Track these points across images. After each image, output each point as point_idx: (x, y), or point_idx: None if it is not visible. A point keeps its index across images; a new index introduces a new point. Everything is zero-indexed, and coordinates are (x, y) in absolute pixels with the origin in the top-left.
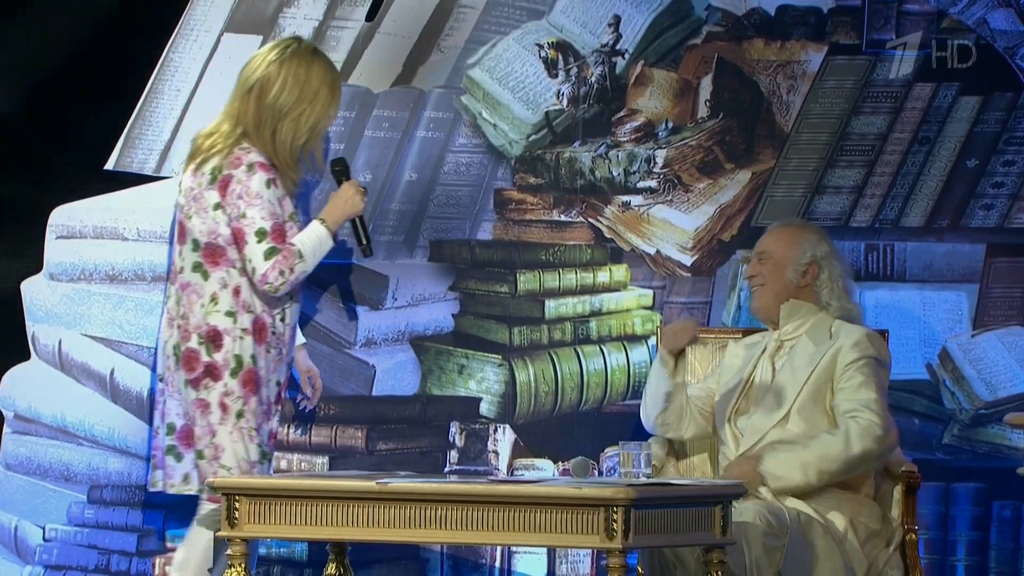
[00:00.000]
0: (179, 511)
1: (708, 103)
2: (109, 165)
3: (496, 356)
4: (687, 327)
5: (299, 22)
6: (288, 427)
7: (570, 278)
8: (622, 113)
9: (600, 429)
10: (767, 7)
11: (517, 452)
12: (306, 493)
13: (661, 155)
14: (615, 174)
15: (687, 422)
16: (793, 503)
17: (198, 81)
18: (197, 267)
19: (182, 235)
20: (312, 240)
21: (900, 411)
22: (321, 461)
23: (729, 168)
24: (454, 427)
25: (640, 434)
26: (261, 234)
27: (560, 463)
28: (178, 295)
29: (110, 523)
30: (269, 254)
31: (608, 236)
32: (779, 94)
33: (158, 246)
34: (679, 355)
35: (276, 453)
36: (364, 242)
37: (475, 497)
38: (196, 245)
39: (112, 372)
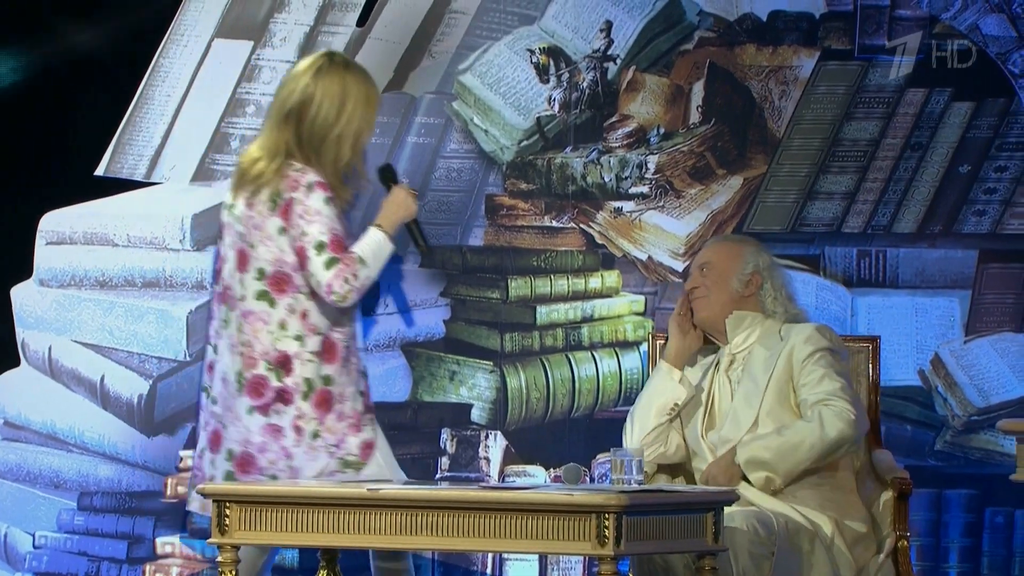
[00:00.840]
0: (168, 518)
1: (700, 109)
2: (99, 171)
3: (487, 362)
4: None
5: (290, 27)
6: None
7: (562, 284)
8: (614, 119)
9: (591, 435)
10: (759, 12)
11: (508, 459)
12: (296, 500)
13: (653, 161)
14: (607, 180)
15: (672, 437)
16: (780, 508)
17: (189, 87)
18: (263, 295)
19: (243, 263)
20: (372, 245)
21: (892, 417)
22: None
23: (721, 174)
24: (445, 433)
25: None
26: (320, 247)
27: (551, 470)
28: (239, 322)
29: (100, 530)
30: (330, 264)
31: (600, 242)
32: (771, 100)
33: (148, 252)
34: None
35: None
36: (422, 243)
37: (466, 504)
38: (261, 274)
39: (102, 379)
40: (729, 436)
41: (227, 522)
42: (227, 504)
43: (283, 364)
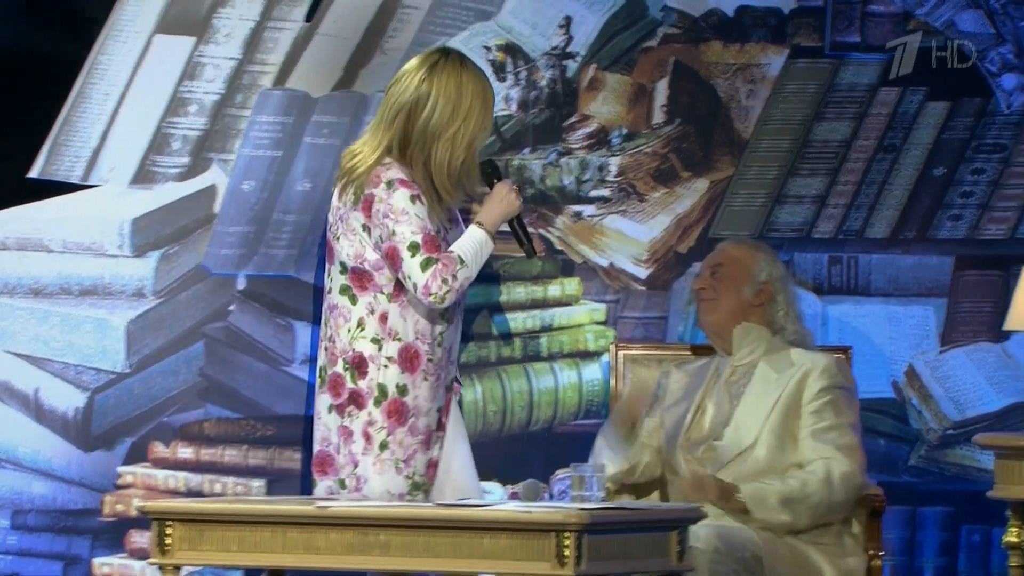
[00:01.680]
0: (106, 537)
1: (664, 108)
2: (33, 173)
3: None
4: (637, 401)
5: (234, 23)
6: (222, 449)
7: (519, 292)
8: (574, 119)
9: (551, 450)
10: (725, 8)
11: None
12: (241, 518)
13: (615, 163)
14: (566, 182)
15: (646, 467)
16: (744, 524)
17: (128, 85)
18: (345, 290)
19: (331, 255)
20: (472, 244)
21: (865, 431)
22: (258, 484)
23: (686, 176)
24: None
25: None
26: (414, 248)
27: (509, 486)
28: (326, 316)
29: (34, 550)
30: (426, 265)
31: (559, 247)
32: (738, 99)
33: (85, 258)
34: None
35: (209, 476)
36: (526, 243)
37: (420, 521)
38: (344, 268)
39: (36, 391)
40: (722, 454)
41: (168, 541)
42: (168, 522)
43: (358, 365)
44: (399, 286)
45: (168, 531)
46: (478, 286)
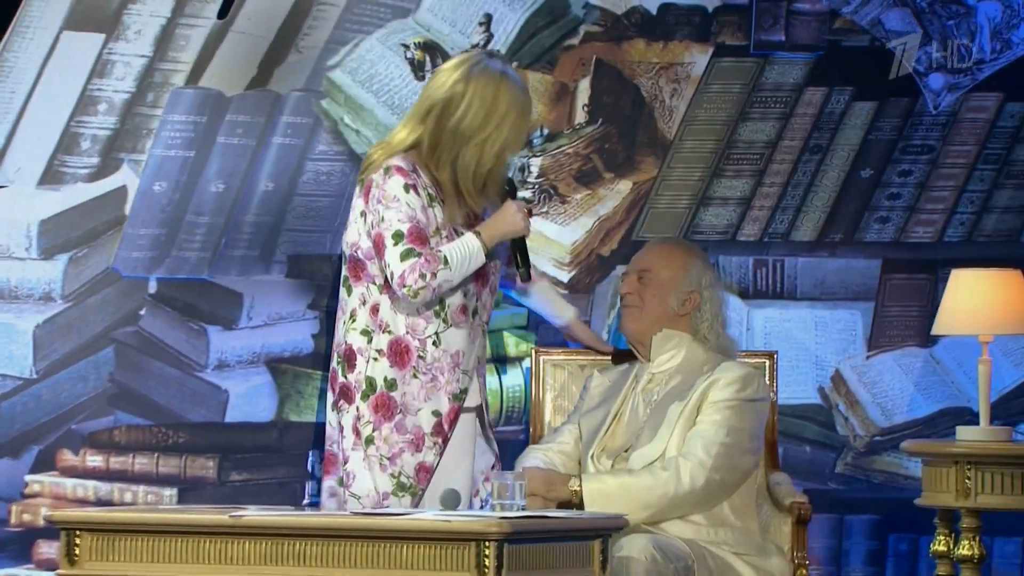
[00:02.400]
0: (12, 548)
1: (586, 108)
2: None
3: None
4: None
5: (145, 19)
6: (133, 457)
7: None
8: None
9: None
10: (648, 6)
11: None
12: (153, 527)
13: (536, 163)
14: None
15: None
16: (682, 531)
17: (35, 83)
18: (344, 280)
19: (340, 245)
20: (461, 249)
21: (790, 438)
22: (169, 493)
23: (608, 178)
24: (314, 456)
25: (514, 463)
26: (398, 236)
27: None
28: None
29: None
30: (406, 255)
31: None
32: (662, 99)
33: None
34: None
35: (119, 485)
36: (521, 266)
37: (336, 531)
38: (344, 257)
39: None
40: (637, 457)
41: (77, 552)
42: (77, 532)
43: (348, 358)
44: None
45: (77, 541)
46: None
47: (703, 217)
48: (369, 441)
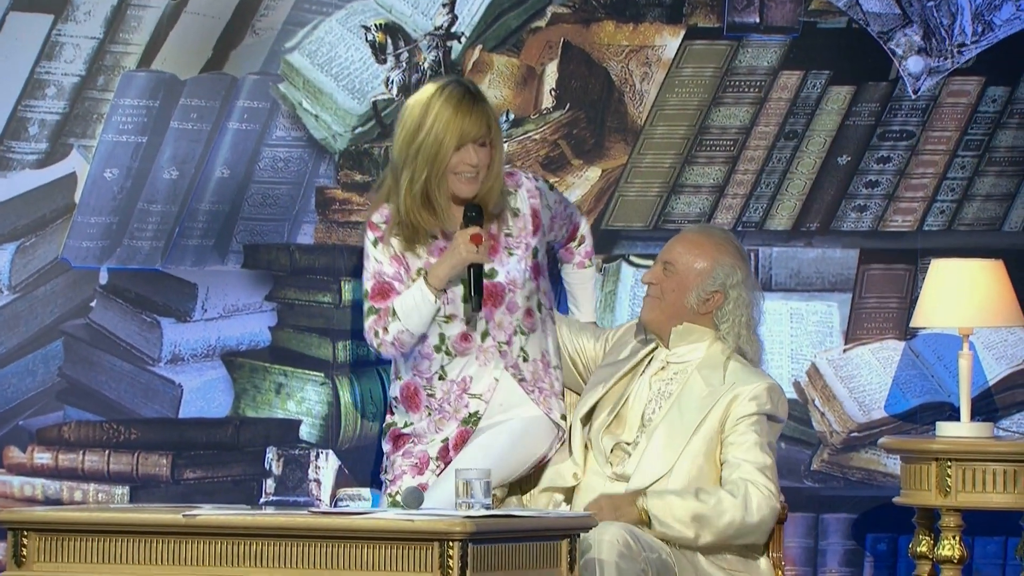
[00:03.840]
0: None
1: (553, 92)
2: None
3: (318, 373)
4: None
5: (94, 2)
6: (83, 454)
7: None
8: None
9: None
10: None
11: (341, 481)
12: (103, 527)
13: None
14: None
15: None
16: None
17: None
18: None
19: None
20: (409, 298)
21: None
22: (121, 491)
23: (577, 165)
24: (271, 453)
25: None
26: (365, 295)
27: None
28: None
29: None
30: (368, 313)
31: None
32: (632, 83)
33: None
34: None
35: (68, 483)
36: (471, 297)
37: (294, 531)
38: None
39: None
40: (645, 471)
41: (24, 553)
42: (24, 532)
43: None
44: None
45: (24, 542)
46: (354, 280)
47: (675, 205)
48: (385, 470)
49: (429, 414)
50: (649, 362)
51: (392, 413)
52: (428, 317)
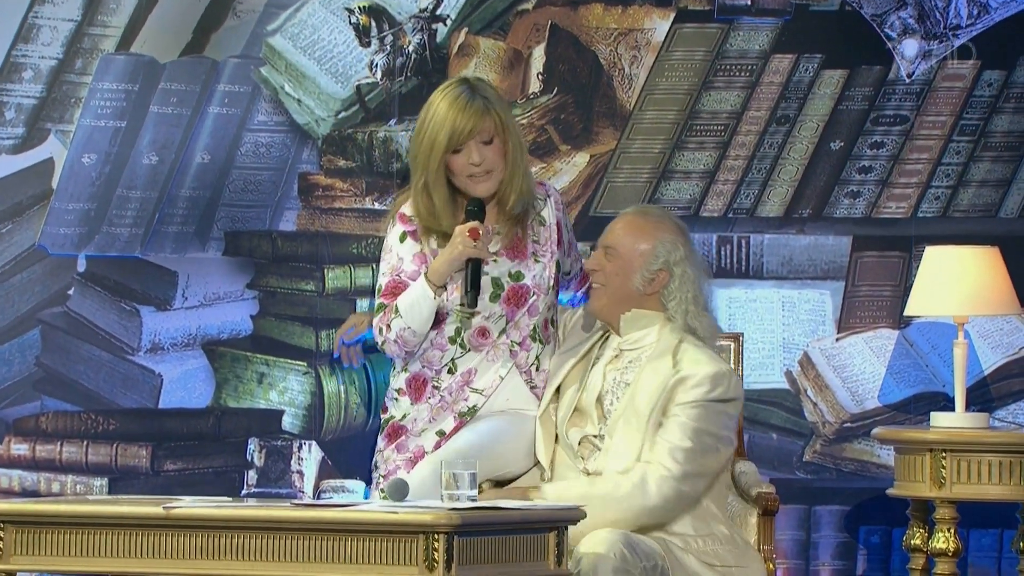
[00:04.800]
0: None
1: (541, 76)
2: None
3: (301, 363)
4: None
5: None
6: (61, 445)
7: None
8: None
9: None
10: None
11: (325, 472)
12: (82, 520)
13: None
14: None
15: None
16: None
17: None
18: None
19: None
20: (410, 294)
21: (756, 425)
22: (100, 483)
23: (565, 150)
24: (253, 444)
25: None
26: (378, 290)
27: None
28: None
29: None
30: (377, 310)
31: None
32: (620, 67)
33: None
34: None
35: (46, 475)
36: (465, 293)
37: (276, 524)
38: None
39: None
40: (611, 468)
41: (1, 546)
42: (1, 526)
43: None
44: None
45: (1, 535)
46: (338, 268)
47: (664, 192)
48: (376, 466)
49: (431, 407)
50: (602, 349)
51: (386, 411)
52: (429, 314)
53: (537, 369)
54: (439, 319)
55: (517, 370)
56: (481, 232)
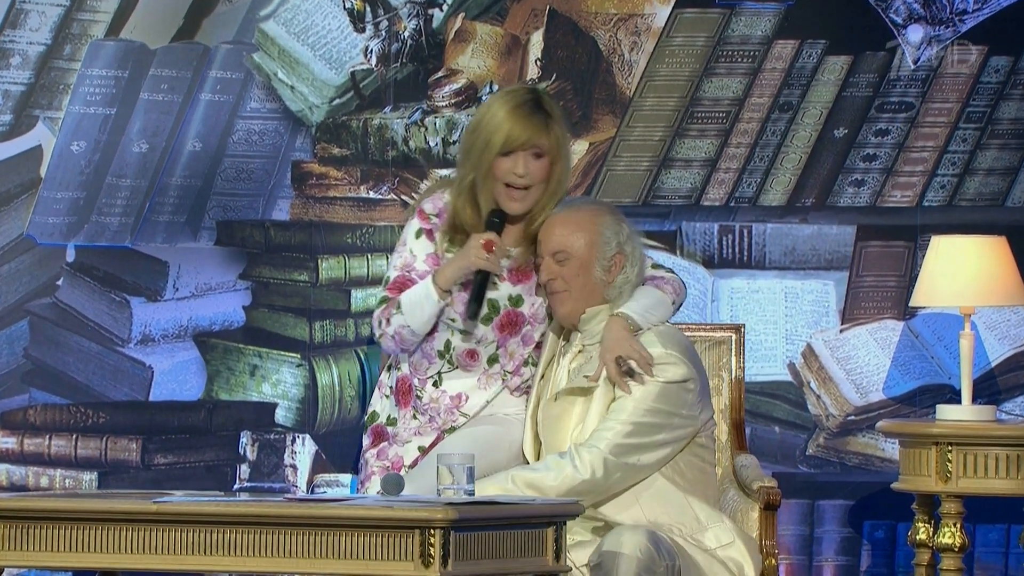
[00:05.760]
0: None
1: (539, 62)
2: None
3: (294, 355)
4: None
5: None
6: (49, 438)
7: (380, 264)
8: (440, 74)
9: None
10: None
11: (318, 466)
12: (70, 515)
13: None
14: (432, 144)
15: None
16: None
17: None
18: None
19: None
20: (414, 293)
21: (758, 418)
22: (89, 477)
23: None
24: (245, 437)
25: None
26: (385, 282)
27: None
28: None
29: None
30: (380, 303)
31: None
32: (620, 52)
33: None
34: None
35: (34, 469)
36: (472, 303)
37: (269, 519)
38: None
39: None
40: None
41: None
42: None
43: (376, 388)
44: None
45: None
46: (332, 258)
47: (665, 180)
48: (357, 468)
49: (415, 416)
50: (567, 346)
51: (374, 403)
52: (430, 316)
53: (530, 388)
54: (433, 328)
55: (507, 390)
56: (496, 246)
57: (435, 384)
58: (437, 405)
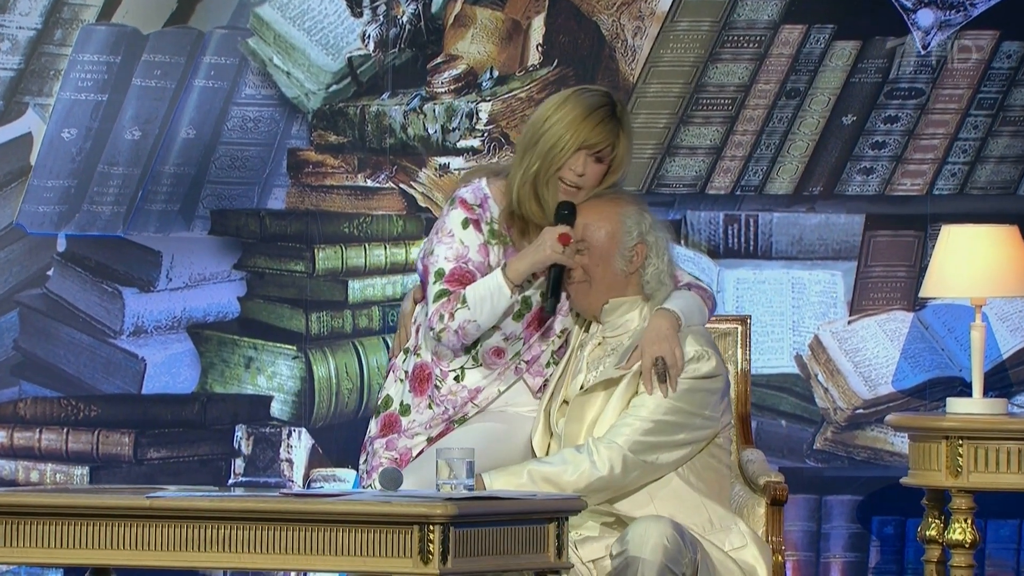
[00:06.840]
0: None
1: (540, 48)
2: None
3: (290, 347)
4: None
5: None
6: (40, 432)
7: (378, 254)
8: (439, 59)
9: None
10: None
11: (315, 461)
12: (61, 510)
13: (485, 109)
14: (431, 131)
15: None
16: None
17: None
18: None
19: None
20: (482, 287)
21: (765, 411)
22: (81, 472)
23: None
24: (240, 431)
25: None
26: (439, 274)
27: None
28: None
29: None
30: (439, 296)
31: (423, 205)
32: (623, 38)
33: None
34: None
35: (24, 463)
36: (548, 297)
37: (264, 514)
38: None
39: None
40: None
41: None
42: None
43: (387, 374)
44: None
45: None
46: (328, 248)
47: (669, 168)
48: (366, 452)
49: (431, 407)
50: (587, 338)
51: (387, 387)
52: (500, 310)
53: (545, 385)
54: None
55: (523, 384)
56: (572, 238)
57: (457, 379)
58: (455, 398)
